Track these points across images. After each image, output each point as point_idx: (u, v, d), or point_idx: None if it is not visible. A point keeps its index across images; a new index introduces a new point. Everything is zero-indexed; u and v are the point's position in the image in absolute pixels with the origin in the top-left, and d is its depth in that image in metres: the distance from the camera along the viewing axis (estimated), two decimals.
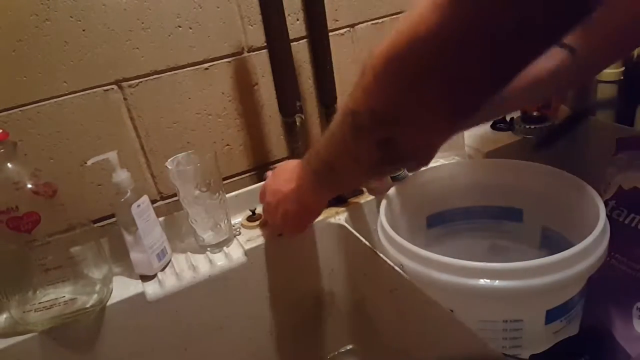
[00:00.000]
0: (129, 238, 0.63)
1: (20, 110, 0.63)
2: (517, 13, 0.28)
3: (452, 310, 0.52)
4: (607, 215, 0.56)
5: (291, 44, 0.70)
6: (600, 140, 0.80)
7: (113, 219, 0.72)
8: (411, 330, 0.60)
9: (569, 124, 0.77)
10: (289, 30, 0.66)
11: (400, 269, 0.57)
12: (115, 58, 0.66)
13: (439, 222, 0.75)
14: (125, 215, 0.61)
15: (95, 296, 0.60)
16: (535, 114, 0.87)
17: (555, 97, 0.91)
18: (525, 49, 0.31)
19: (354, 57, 0.84)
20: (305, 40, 0.79)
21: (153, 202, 0.74)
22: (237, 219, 0.75)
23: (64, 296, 0.59)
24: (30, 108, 0.64)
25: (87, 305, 0.59)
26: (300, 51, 0.79)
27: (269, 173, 0.67)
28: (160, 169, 0.74)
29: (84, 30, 0.64)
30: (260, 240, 0.69)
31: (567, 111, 0.89)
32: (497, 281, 0.51)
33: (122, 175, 0.62)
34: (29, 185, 0.55)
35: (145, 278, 0.65)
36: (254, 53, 0.75)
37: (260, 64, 0.76)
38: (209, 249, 0.69)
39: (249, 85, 0.77)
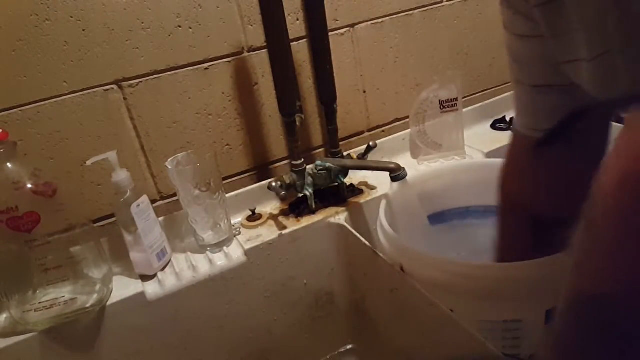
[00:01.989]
0: (129, 238, 0.63)
1: (20, 110, 0.63)
2: None
3: (452, 310, 0.52)
4: None
5: (291, 44, 0.70)
6: None
7: (113, 219, 0.72)
8: (411, 330, 0.60)
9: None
10: (289, 30, 0.66)
11: (400, 269, 0.57)
12: (115, 58, 0.66)
13: (439, 222, 0.75)
14: (125, 215, 0.61)
15: (95, 296, 0.60)
16: None
17: None
18: None
19: (354, 57, 0.84)
20: (305, 40, 0.79)
21: (153, 202, 0.74)
22: (237, 219, 0.75)
23: (64, 296, 0.59)
24: (30, 108, 0.64)
25: (87, 305, 0.59)
26: (300, 51, 0.79)
27: None
28: (160, 168, 0.74)
29: (84, 30, 0.64)
30: (260, 240, 0.69)
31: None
32: (497, 281, 0.51)
33: (121, 175, 0.62)
34: (29, 185, 0.55)
35: (145, 278, 0.65)
36: (254, 53, 0.75)
37: (260, 64, 0.76)
38: (208, 248, 0.69)
39: (249, 85, 0.77)
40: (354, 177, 0.82)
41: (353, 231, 0.69)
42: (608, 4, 0.29)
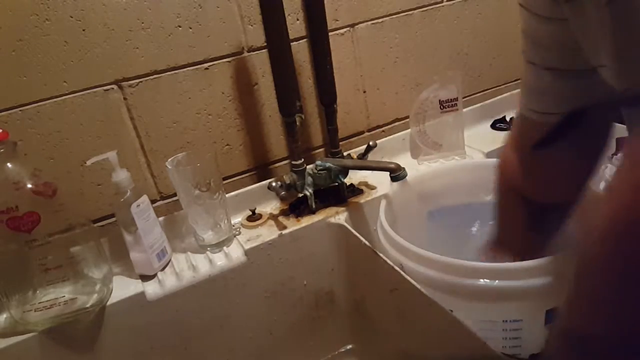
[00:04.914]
0: (128, 238, 0.63)
1: (20, 110, 0.63)
2: None
3: (452, 310, 0.52)
4: None
5: (291, 43, 0.70)
6: None
7: (113, 219, 0.72)
8: (411, 330, 0.60)
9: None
10: (289, 30, 0.66)
11: (400, 269, 0.57)
12: (115, 58, 0.66)
13: (439, 221, 0.75)
14: (125, 215, 0.61)
15: (95, 296, 0.60)
16: None
17: None
18: None
19: (354, 57, 0.84)
20: (305, 40, 0.79)
21: (153, 201, 0.74)
22: (237, 219, 0.75)
23: (64, 296, 0.59)
24: (30, 108, 0.64)
25: (87, 305, 0.59)
26: (300, 51, 0.79)
27: None
28: (160, 168, 0.74)
29: (84, 30, 0.64)
30: (260, 240, 0.69)
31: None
32: (497, 281, 0.51)
33: (121, 175, 0.62)
34: (29, 185, 0.55)
35: (145, 278, 0.65)
36: (254, 53, 0.75)
37: (260, 64, 0.76)
38: (209, 248, 0.69)
39: (249, 85, 0.77)
40: (354, 177, 0.82)
41: (353, 231, 0.69)
42: (603, 20, 0.29)
